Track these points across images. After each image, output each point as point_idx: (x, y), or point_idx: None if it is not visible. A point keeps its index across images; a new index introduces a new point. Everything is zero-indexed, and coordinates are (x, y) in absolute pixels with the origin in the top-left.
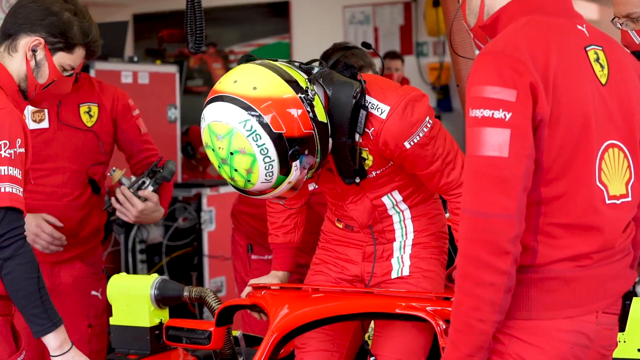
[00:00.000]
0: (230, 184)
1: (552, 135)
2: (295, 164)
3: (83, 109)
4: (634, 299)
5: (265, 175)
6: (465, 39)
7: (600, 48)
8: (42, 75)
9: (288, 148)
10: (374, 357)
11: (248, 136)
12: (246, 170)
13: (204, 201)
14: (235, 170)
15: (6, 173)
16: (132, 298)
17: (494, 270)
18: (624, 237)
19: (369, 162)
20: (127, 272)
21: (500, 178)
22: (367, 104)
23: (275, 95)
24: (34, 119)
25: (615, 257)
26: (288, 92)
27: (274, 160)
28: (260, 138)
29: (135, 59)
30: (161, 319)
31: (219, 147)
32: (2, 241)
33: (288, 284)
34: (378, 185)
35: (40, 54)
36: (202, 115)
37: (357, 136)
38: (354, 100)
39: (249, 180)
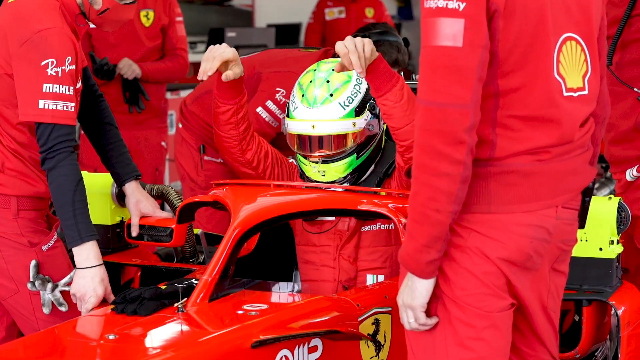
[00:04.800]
0: (295, 109)
1: (507, 26)
2: (367, 115)
3: None
4: (595, 198)
5: (347, 99)
6: None
7: None
8: (96, 2)
9: (372, 98)
10: None
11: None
12: (337, 84)
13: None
14: (327, 81)
15: (51, 90)
16: (93, 196)
17: (450, 160)
18: (583, 132)
19: None
20: None
21: (454, 68)
22: None
23: None
24: None
25: (574, 152)
26: None
27: (360, 93)
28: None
29: None
30: (122, 217)
31: (323, 66)
32: (47, 154)
33: (249, 180)
34: (371, 259)
35: None
36: None
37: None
38: None
39: (331, 95)
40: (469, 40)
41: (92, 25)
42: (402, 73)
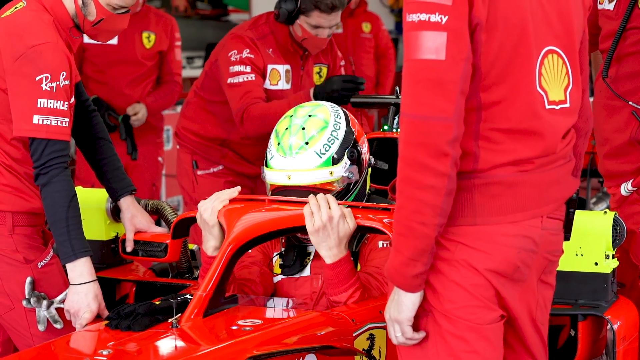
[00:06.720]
0: (272, 158)
1: (489, 39)
2: (345, 162)
3: None
4: (590, 212)
5: (323, 147)
6: None
7: None
8: (90, 13)
9: (350, 144)
10: None
11: (332, 111)
12: (313, 131)
13: None
14: (303, 128)
15: (46, 106)
16: (88, 211)
17: (434, 172)
18: (565, 143)
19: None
20: None
21: (437, 81)
22: None
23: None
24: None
25: (556, 162)
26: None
27: (337, 139)
28: (339, 119)
29: None
30: (117, 233)
31: (300, 111)
32: (41, 169)
33: (243, 195)
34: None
35: None
36: None
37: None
38: None
39: (307, 143)
40: (452, 54)
41: (86, 40)
42: (397, 89)
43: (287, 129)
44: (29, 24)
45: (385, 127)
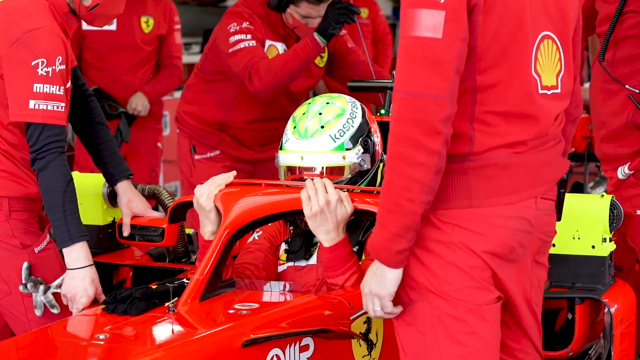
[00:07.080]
0: (287, 141)
1: (486, 21)
2: (358, 149)
3: None
4: (587, 195)
5: (338, 132)
6: None
7: None
8: None
9: (364, 134)
10: None
11: (349, 101)
12: (329, 116)
13: None
14: (320, 113)
15: (42, 91)
16: (85, 196)
17: (425, 150)
18: (556, 125)
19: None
20: None
21: (433, 59)
22: None
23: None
24: None
25: (548, 144)
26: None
27: (352, 127)
28: (356, 109)
29: None
30: (114, 217)
31: (319, 99)
32: (37, 154)
33: (239, 180)
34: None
35: None
36: None
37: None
38: None
39: (322, 127)
40: (449, 33)
41: (85, 27)
42: (393, 74)
43: (304, 113)
44: (24, 9)
45: (382, 112)
